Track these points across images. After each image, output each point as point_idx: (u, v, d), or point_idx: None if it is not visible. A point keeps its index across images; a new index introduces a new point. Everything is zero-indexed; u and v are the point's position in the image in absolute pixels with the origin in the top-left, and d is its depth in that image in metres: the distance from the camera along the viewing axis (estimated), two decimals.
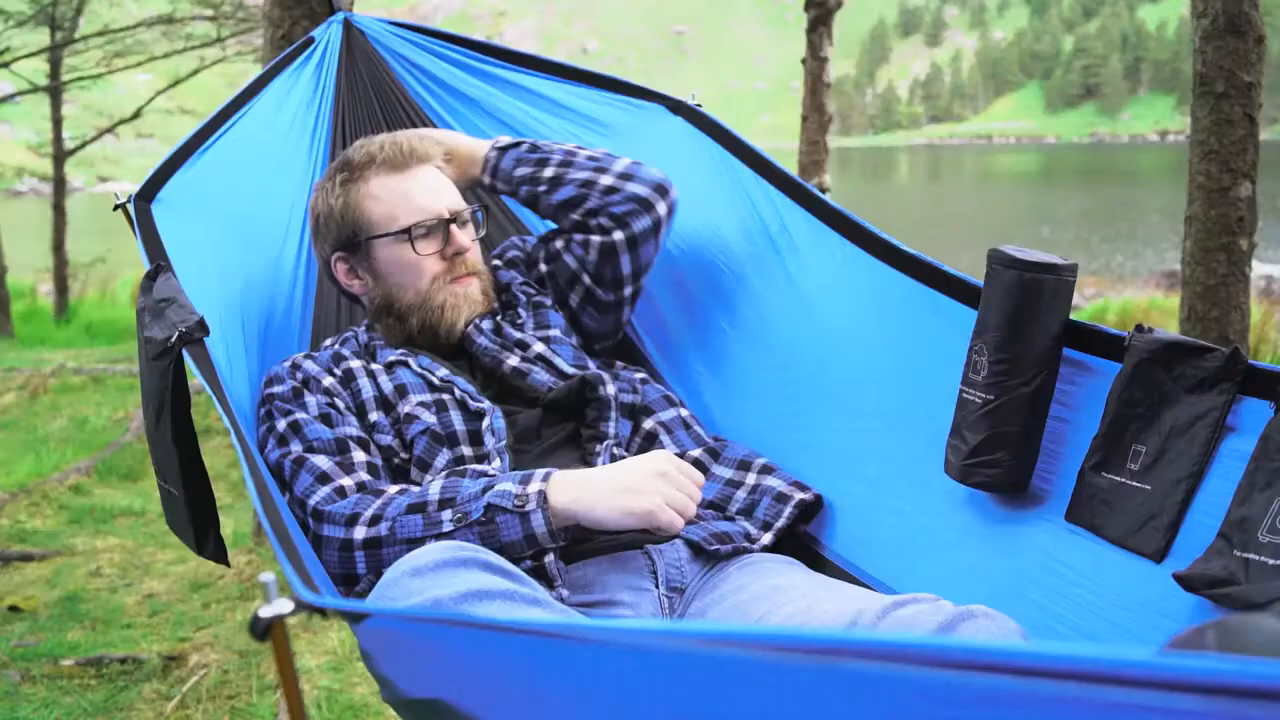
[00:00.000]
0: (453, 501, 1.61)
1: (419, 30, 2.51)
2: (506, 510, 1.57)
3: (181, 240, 1.96)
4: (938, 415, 1.70)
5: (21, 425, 6.14)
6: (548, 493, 1.58)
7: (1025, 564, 1.57)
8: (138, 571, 3.93)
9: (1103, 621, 1.44)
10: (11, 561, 3.99)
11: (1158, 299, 11.47)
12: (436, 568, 1.28)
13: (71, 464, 5.18)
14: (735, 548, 1.69)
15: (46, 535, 4.31)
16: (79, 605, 3.61)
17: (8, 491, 4.71)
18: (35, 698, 2.96)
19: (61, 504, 4.67)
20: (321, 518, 1.65)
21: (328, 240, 2.05)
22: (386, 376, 1.91)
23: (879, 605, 1.39)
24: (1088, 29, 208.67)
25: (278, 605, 0.89)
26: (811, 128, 6.07)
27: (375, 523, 1.62)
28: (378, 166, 2.01)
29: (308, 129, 2.37)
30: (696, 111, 2.26)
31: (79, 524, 4.47)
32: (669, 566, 1.65)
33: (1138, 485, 1.46)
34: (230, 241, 2.16)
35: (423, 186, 2.01)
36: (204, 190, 2.13)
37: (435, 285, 1.99)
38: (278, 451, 1.78)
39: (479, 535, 1.57)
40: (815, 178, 6.04)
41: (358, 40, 2.48)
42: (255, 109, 2.30)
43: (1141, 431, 1.48)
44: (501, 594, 1.26)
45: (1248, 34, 3.49)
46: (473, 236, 2.07)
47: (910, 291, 1.82)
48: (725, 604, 1.58)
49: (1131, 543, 1.44)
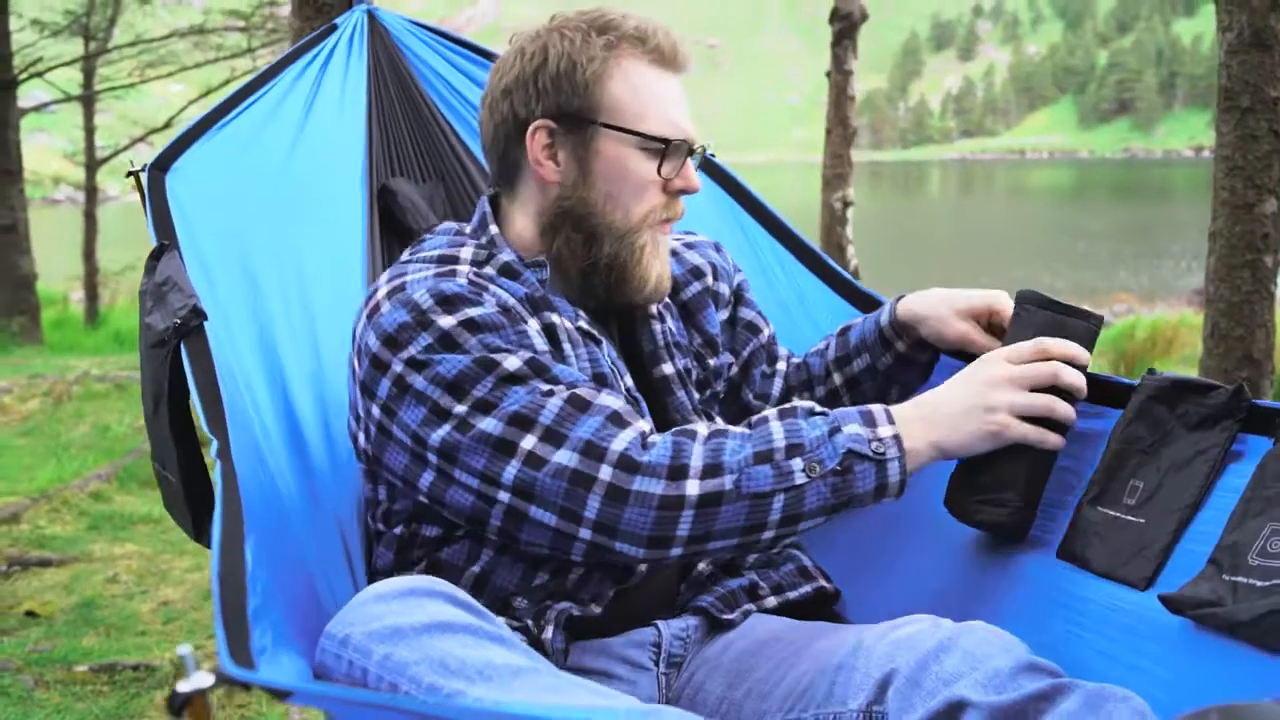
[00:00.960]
0: (801, 448, 1.38)
1: (436, 33, 2.50)
2: (866, 458, 1.38)
3: (196, 211, 1.91)
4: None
5: (45, 431, 6.19)
6: (901, 435, 1.40)
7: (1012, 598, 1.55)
8: (154, 579, 3.94)
9: (1087, 649, 1.41)
10: (30, 567, 4.01)
11: (1188, 316, 11.36)
12: (401, 595, 1.24)
13: (92, 470, 5.21)
14: (745, 611, 1.59)
15: (66, 541, 4.34)
16: (95, 611, 3.62)
17: (29, 497, 4.75)
18: (48, 703, 2.97)
19: (81, 510, 4.69)
20: (636, 469, 1.36)
21: (543, 99, 1.57)
22: (585, 349, 1.58)
23: (878, 629, 1.37)
24: (1122, 43, 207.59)
25: (197, 679, 0.86)
26: (836, 141, 6.06)
27: (713, 474, 1.36)
28: (648, 51, 1.58)
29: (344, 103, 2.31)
30: (710, 162, 2.21)
31: (98, 530, 4.50)
32: (673, 638, 1.55)
33: (1131, 519, 1.43)
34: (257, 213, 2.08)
35: (682, 99, 1.62)
36: (224, 163, 2.07)
37: (647, 220, 1.59)
38: (521, 393, 1.41)
39: (832, 488, 1.37)
40: (839, 191, 6.03)
41: (380, 34, 2.47)
42: (281, 84, 2.23)
43: (1141, 468, 1.46)
44: (464, 628, 1.20)
45: (1273, 48, 3.45)
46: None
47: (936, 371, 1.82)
48: (708, 666, 1.53)
49: (1120, 573, 1.41)
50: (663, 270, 1.61)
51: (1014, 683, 1.21)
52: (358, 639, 1.20)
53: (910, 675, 1.26)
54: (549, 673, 1.20)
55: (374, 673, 1.18)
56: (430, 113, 2.45)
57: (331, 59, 2.34)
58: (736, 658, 1.52)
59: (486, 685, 1.14)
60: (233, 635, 1.01)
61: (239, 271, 1.93)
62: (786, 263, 2.08)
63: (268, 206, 2.11)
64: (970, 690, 1.20)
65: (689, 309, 1.76)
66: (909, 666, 1.26)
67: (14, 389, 7.00)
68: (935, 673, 1.24)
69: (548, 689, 1.16)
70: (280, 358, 1.86)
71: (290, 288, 1.98)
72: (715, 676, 1.51)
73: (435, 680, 1.14)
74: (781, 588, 1.65)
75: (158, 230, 1.80)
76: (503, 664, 1.17)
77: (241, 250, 1.98)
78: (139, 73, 12.21)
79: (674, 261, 1.75)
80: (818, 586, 1.67)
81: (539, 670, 1.19)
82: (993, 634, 1.29)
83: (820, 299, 2.04)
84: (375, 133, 2.33)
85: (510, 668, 1.16)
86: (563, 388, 1.42)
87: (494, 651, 1.19)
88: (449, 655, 1.16)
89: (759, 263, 2.12)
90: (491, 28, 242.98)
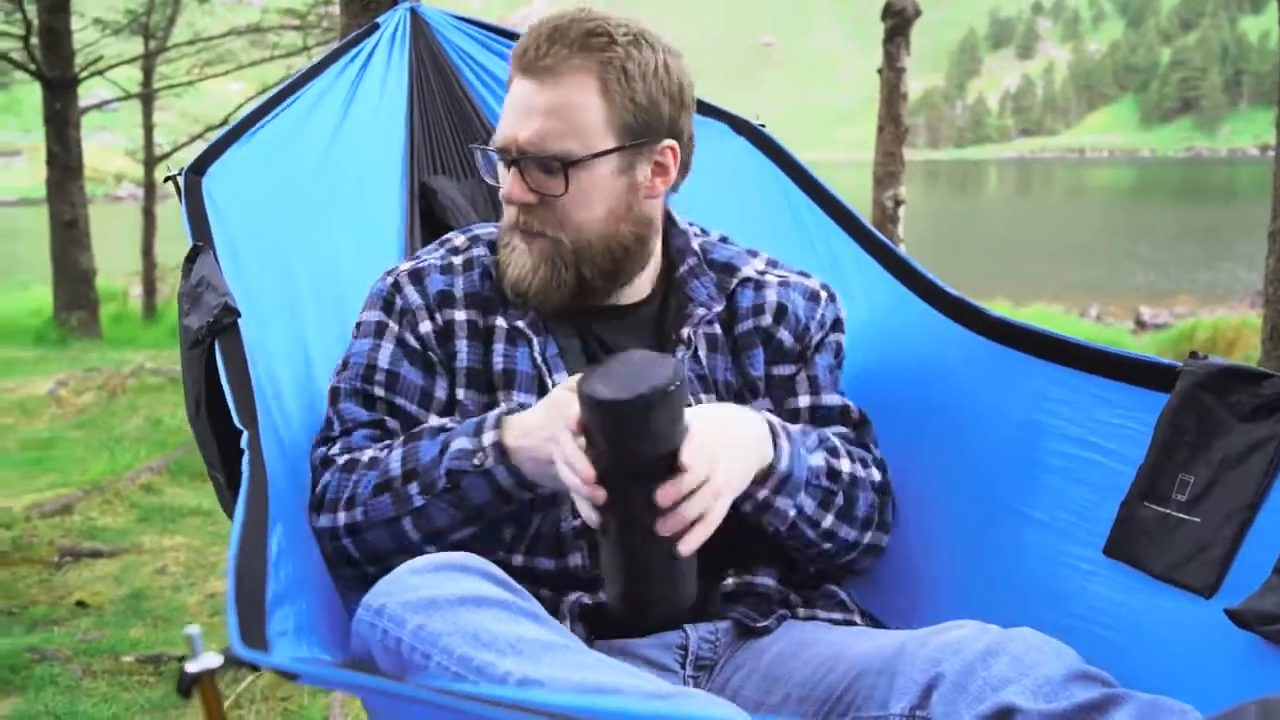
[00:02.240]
0: (415, 472, 1.47)
1: (483, 26, 2.49)
2: (467, 472, 1.44)
3: (232, 214, 1.91)
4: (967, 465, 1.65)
5: (99, 424, 6.29)
6: (504, 441, 1.43)
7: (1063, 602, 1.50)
8: (202, 571, 3.98)
9: (1142, 660, 1.37)
10: (82, 558, 4.07)
11: (1251, 318, 11.14)
12: (437, 569, 1.26)
13: (144, 463, 5.28)
14: (779, 616, 1.56)
15: (117, 533, 4.39)
16: (143, 602, 3.67)
17: (82, 489, 4.82)
18: (95, 692, 3.01)
19: (133, 502, 4.76)
20: (320, 507, 1.54)
21: None
22: (503, 350, 1.61)
23: (921, 634, 1.33)
24: (1186, 41, 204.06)
25: (205, 660, 0.86)
26: (887, 139, 5.99)
27: (349, 506, 1.50)
28: (515, 57, 1.58)
29: (383, 102, 2.31)
30: (759, 132, 2.20)
31: (148, 522, 4.55)
32: (701, 641, 1.52)
33: (1185, 517, 1.38)
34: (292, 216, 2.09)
35: (522, 96, 1.56)
36: (262, 165, 2.06)
37: (504, 227, 1.63)
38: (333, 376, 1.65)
39: (450, 504, 1.45)
40: (890, 190, 5.96)
41: (423, 31, 2.47)
42: (319, 85, 2.22)
43: (1189, 461, 1.40)
44: (499, 603, 1.22)
45: None
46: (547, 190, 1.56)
47: (964, 342, 1.74)
48: (743, 670, 1.50)
49: (1179, 576, 1.37)
50: (519, 274, 1.58)
51: (1065, 691, 1.17)
52: (393, 608, 1.23)
53: (956, 680, 1.22)
54: (579, 650, 1.21)
55: (407, 642, 1.20)
56: (473, 109, 2.44)
57: (372, 58, 2.34)
58: (772, 662, 1.48)
59: (517, 659, 1.15)
60: (245, 617, 1.01)
61: (274, 271, 1.93)
62: (828, 231, 2.03)
63: (304, 207, 2.11)
64: (1019, 697, 1.16)
65: (738, 345, 1.68)
66: (955, 671, 1.23)
67: (70, 382, 7.12)
68: (983, 678, 1.20)
69: (576, 666, 1.15)
70: (310, 356, 1.87)
71: (325, 287, 1.99)
72: (751, 682, 1.48)
73: (466, 651, 1.16)
74: (813, 603, 1.62)
75: (193, 232, 1.80)
76: (534, 639, 1.17)
77: (277, 250, 1.98)
78: (197, 71, 12.39)
79: (750, 293, 1.69)
80: (850, 619, 1.61)
81: (569, 647, 1.20)
82: (1042, 640, 1.26)
83: (857, 265, 1.97)
84: (416, 131, 2.32)
85: (541, 643, 1.17)
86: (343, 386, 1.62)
87: (526, 627, 1.20)
88: (481, 628, 1.17)
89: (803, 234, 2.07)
90: None
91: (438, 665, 1.17)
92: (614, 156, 1.55)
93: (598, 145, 1.54)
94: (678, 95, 1.60)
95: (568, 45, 1.53)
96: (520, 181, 1.55)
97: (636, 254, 1.62)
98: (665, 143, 1.60)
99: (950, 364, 1.76)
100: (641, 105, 1.55)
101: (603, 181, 1.56)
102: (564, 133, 1.53)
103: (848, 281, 1.96)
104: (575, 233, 1.56)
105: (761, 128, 2.21)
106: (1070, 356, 1.58)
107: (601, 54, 1.53)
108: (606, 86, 1.53)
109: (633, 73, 1.55)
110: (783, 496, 1.49)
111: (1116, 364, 1.52)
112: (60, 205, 10.64)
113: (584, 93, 1.53)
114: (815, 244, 2.03)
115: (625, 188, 1.58)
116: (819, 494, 1.54)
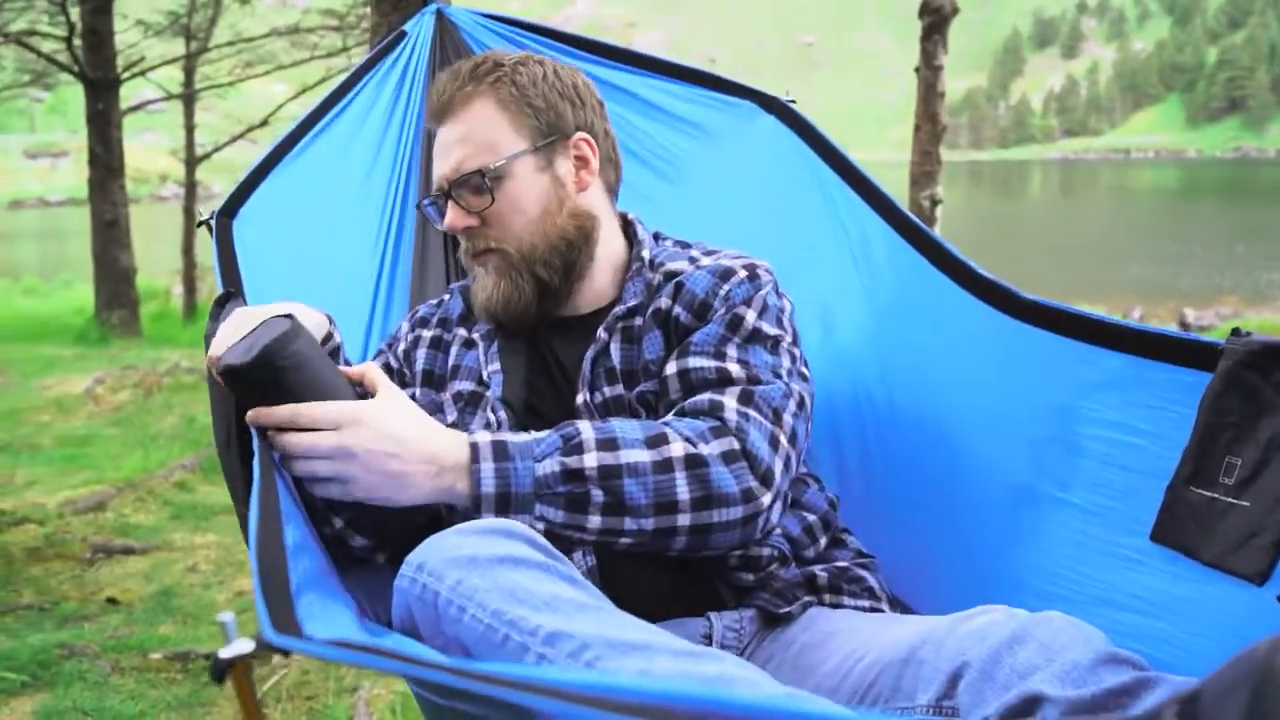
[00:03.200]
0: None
1: (511, 23, 2.47)
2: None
3: (262, 255, 1.95)
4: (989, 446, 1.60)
5: (134, 422, 6.34)
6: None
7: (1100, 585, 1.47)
8: (231, 569, 4.00)
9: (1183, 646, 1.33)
10: (114, 554, 4.10)
11: None
12: (481, 532, 1.26)
13: (178, 461, 5.32)
14: (804, 603, 1.55)
15: (148, 530, 4.42)
16: (172, 600, 3.69)
17: (115, 486, 4.86)
18: (123, 689, 3.02)
19: (165, 500, 4.79)
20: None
21: None
22: (456, 350, 1.77)
23: (947, 621, 1.30)
24: (1233, 40, 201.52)
25: (238, 646, 0.86)
26: (924, 138, 5.92)
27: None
28: (427, 112, 1.78)
29: (395, 128, 2.34)
30: (788, 109, 2.17)
31: (180, 520, 4.58)
32: (726, 630, 1.53)
33: (1233, 501, 1.32)
34: (317, 252, 2.14)
35: (440, 145, 1.73)
36: (291, 202, 2.10)
37: (466, 262, 1.76)
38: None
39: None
40: (927, 189, 5.90)
41: (449, 32, 2.46)
42: (345, 113, 2.28)
43: (1236, 442, 1.34)
44: (538, 565, 1.22)
45: None
46: (481, 206, 1.68)
47: (997, 325, 1.69)
48: (774, 661, 1.49)
49: (1230, 563, 1.31)
50: (486, 296, 1.70)
51: (1093, 676, 1.12)
52: (433, 564, 1.24)
53: (982, 668, 1.18)
54: (612, 611, 1.20)
55: (445, 596, 1.21)
56: None
57: (390, 74, 2.36)
58: (800, 652, 1.47)
59: (550, 614, 1.15)
60: (274, 603, 0.99)
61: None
62: (859, 211, 1.99)
63: (328, 240, 2.17)
64: (1046, 684, 1.12)
65: (639, 333, 1.68)
66: (981, 659, 1.19)
67: (107, 380, 7.19)
68: (1009, 665, 1.16)
69: (609, 624, 1.16)
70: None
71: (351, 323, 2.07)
72: (780, 673, 1.46)
73: (501, 606, 1.17)
74: (840, 590, 1.60)
75: (224, 278, 1.86)
76: (569, 598, 1.18)
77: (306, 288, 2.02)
78: (238, 71, 12.51)
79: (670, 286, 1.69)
80: (877, 607, 1.61)
81: (603, 608, 1.20)
82: (1070, 624, 1.21)
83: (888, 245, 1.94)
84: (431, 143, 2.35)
85: (575, 602, 1.18)
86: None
87: (562, 588, 1.20)
88: (519, 586, 1.18)
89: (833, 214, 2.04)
90: (586, 26, 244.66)
91: (471, 618, 1.18)
92: (528, 158, 1.68)
93: (509, 152, 1.68)
94: (574, 94, 1.74)
95: (460, 81, 1.70)
96: (456, 209, 1.69)
97: (583, 247, 1.71)
98: (577, 136, 1.72)
99: (984, 346, 1.72)
100: (540, 108, 1.70)
101: (526, 184, 1.68)
102: (477, 152, 1.67)
103: (877, 261, 1.93)
104: (517, 240, 1.68)
105: (791, 104, 2.18)
106: (1107, 337, 1.52)
107: (490, 76, 1.70)
108: (502, 101, 1.69)
109: (523, 83, 1.70)
110: (517, 515, 1.43)
111: (1156, 344, 1.46)
112: (102, 204, 10.76)
113: (484, 112, 1.69)
114: (846, 224, 2.00)
115: (551, 184, 1.70)
116: (563, 500, 1.43)
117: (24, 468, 5.44)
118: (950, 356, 1.79)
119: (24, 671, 3.11)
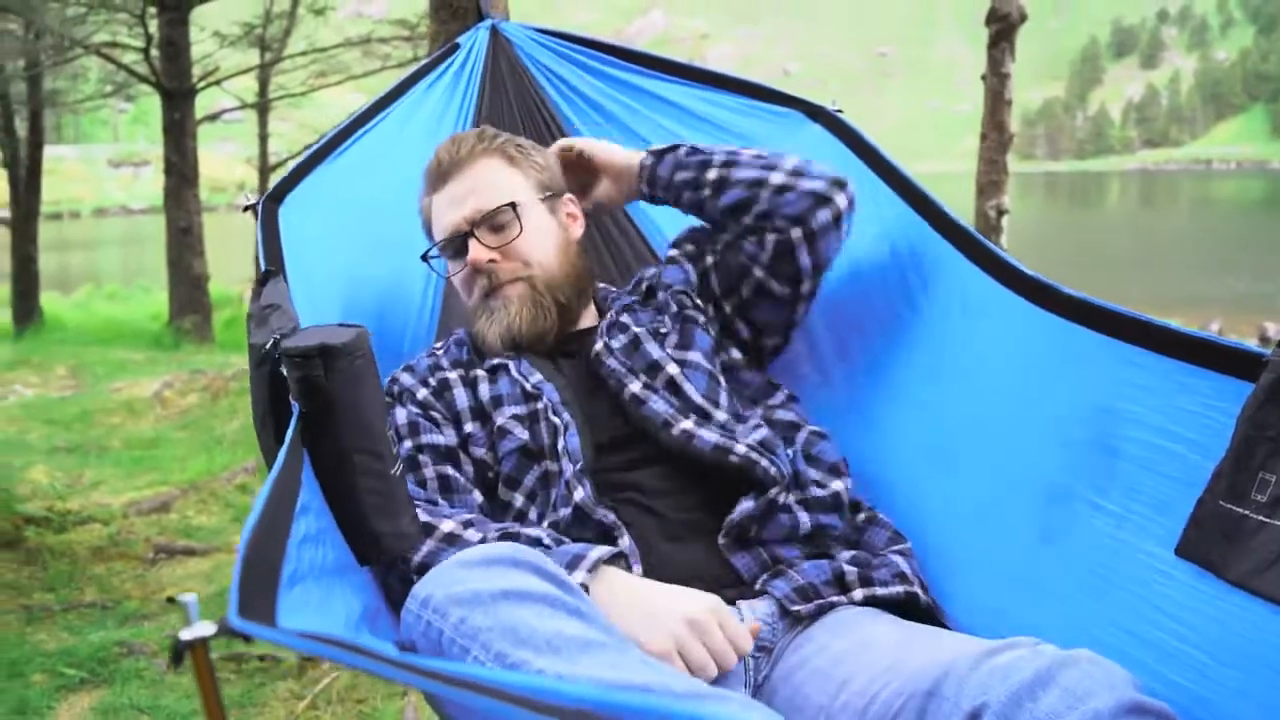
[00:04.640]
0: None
1: (563, 37, 2.49)
2: None
3: (306, 241, 1.97)
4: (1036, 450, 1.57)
5: (200, 425, 6.45)
6: (591, 586, 1.45)
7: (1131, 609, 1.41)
8: None
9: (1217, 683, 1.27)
10: (176, 555, 4.17)
11: None
12: (485, 563, 1.26)
13: (240, 464, 5.40)
14: (820, 604, 1.55)
15: (210, 531, 4.49)
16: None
17: (179, 487, 4.95)
18: (178, 687, 3.06)
19: (227, 501, 4.87)
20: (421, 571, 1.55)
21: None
22: (487, 384, 1.83)
23: (973, 653, 1.27)
24: None
25: (198, 628, 0.85)
26: (991, 147, 5.82)
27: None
28: (427, 178, 1.97)
29: (445, 131, 2.36)
30: (835, 118, 2.15)
31: (241, 522, 4.62)
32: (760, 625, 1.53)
33: (1265, 520, 1.26)
34: (360, 244, 2.17)
35: (449, 199, 1.92)
36: (336, 192, 2.13)
37: (476, 302, 1.92)
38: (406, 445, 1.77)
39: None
40: (994, 199, 5.80)
41: (503, 48, 2.47)
42: (395, 113, 2.30)
43: (1271, 458, 1.27)
44: (542, 597, 1.22)
45: None
46: (505, 239, 1.89)
47: (1043, 324, 1.65)
48: (808, 667, 1.48)
49: (1256, 583, 1.25)
50: (507, 324, 1.87)
51: None
52: (438, 600, 1.24)
53: (1002, 711, 1.15)
54: (618, 648, 1.20)
55: (449, 635, 1.21)
56: (546, 120, 2.45)
57: (439, 81, 2.38)
58: (835, 660, 1.45)
59: (553, 657, 1.15)
60: (248, 589, 0.96)
61: (342, 298, 2.02)
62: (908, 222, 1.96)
63: (369, 235, 2.19)
64: None
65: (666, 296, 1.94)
66: (1000, 701, 1.16)
67: (175, 384, 7.32)
68: (1029, 710, 1.13)
69: (612, 665, 1.15)
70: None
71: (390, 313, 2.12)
72: (814, 681, 1.45)
73: (504, 648, 1.17)
74: (870, 581, 1.60)
75: (266, 258, 1.89)
76: (572, 635, 1.18)
77: (348, 276, 2.08)
78: (312, 81, 12.71)
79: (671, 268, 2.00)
80: (910, 591, 1.61)
81: (607, 645, 1.19)
82: (1097, 667, 1.17)
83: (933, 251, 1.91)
84: None
85: (579, 640, 1.18)
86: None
87: (566, 623, 1.20)
88: (521, 623, 1.19)
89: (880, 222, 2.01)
90: (660, 37, 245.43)
91: (474, 660, 1.18)
92: (541, 206, 1.95)
93: (524, 197, 1.92)
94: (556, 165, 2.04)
95: (466, 146, 1.93)
96: (479, 246, 1.88)
97: (588, 279, 1.99)
98: (566, 195, 2.03)
99: (1027, 344, 1.68)
100: (541, 165, 1.99)
101: (542, 223, 1.93)
102: (498, 195, 1.90)
103: (925, 268, 1.91)
104: (540, 267, 1.90)
105: (839, 113, 2.16)
106: (1152, 338, 1.47)
107: (493, 142, 1.95)
108: (510, 160, 1.95)
109: (524, 146, 1.99)
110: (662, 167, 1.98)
111: (1200, 348, 1.40)
112: (177, 212, 10.98)
113: (496, 169, 1.93)
114: (893, 232, 1.98)
115: (559, 227, 1.97)
116: (694, 167, 1.95)
117: (92, 468, 5.56)
118: (992, 352, 1.77)
119: (83, 668, 3.17)
